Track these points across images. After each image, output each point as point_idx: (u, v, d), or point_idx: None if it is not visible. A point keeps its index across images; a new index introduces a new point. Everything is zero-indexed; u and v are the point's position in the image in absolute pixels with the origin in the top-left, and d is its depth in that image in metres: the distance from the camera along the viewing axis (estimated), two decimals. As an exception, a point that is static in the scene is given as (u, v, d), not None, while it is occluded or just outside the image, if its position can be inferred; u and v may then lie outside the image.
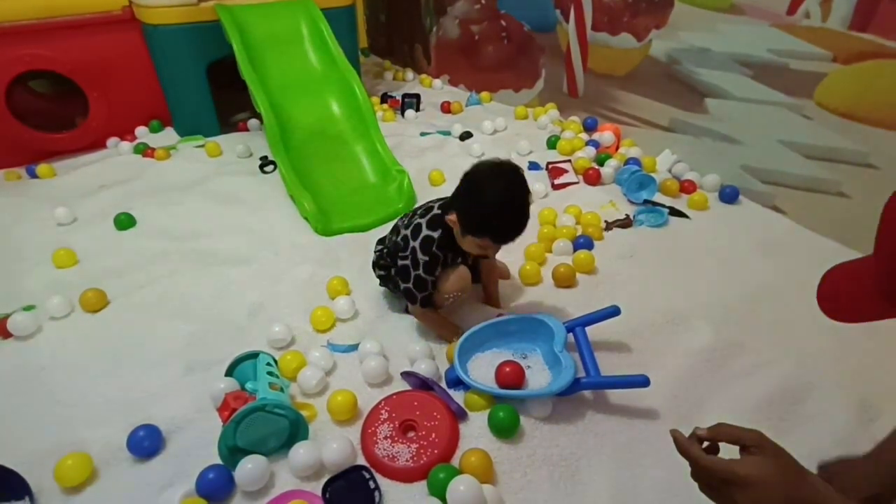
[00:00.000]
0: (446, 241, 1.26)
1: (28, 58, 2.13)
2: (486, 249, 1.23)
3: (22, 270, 1.67)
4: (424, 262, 1.26)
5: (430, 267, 1.26)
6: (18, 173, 2.23)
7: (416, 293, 1.30)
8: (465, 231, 1.20)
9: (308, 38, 2.27)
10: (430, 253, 1.25)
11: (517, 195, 1.16)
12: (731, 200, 1.93)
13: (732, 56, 1.91)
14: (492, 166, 1.18)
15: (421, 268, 1.26)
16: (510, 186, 1.15)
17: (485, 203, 1.15)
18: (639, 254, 1.69)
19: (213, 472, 1.02)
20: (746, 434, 0.61)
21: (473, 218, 1.17)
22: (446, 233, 1.26)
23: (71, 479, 1.04)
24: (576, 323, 1.28)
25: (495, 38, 2.84)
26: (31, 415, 1.20)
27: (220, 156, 2.37)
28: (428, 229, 1.26)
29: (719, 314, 1.44)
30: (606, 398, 1.21)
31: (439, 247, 1.26)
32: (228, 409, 1.08)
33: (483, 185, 1.16)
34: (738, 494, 0.58)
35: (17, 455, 1.08)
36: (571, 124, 2.51)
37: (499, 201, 1.14)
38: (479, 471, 1.01)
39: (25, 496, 1.02)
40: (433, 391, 1.19)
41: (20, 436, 1.15)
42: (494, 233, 1.17)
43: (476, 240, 1.19)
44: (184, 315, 1.47)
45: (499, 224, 1.16)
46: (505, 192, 1.15)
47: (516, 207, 1.16)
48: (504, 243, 1.20)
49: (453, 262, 1.32)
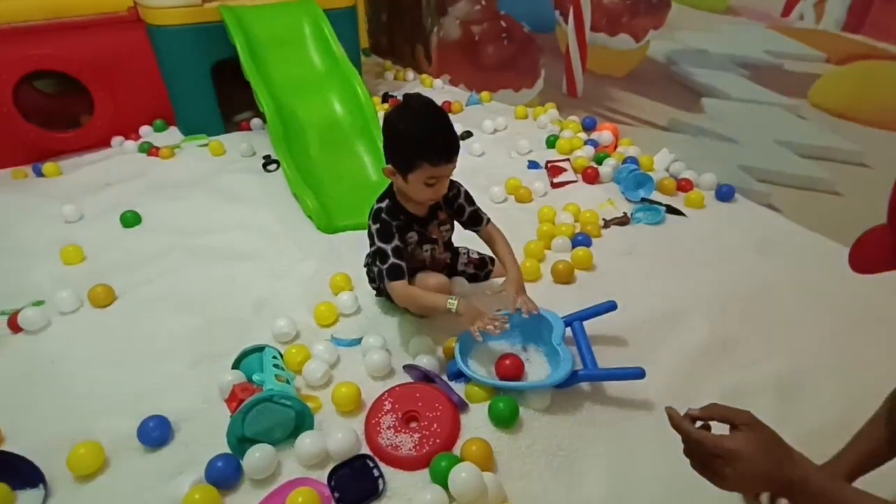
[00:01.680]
0: (396, 209, 1.28)
1: (36, 58, 2.17)
2: (433, 184, 1.20)
3: (30, 266, 1.70)
4: (377, 231, 1.26)
5: (383, 234, 1.25)
6: (25, 171, 2.26)
7: (381, 266, 1.26)
8: (405, 172, 1.20)
9: (310, 39, 2.30)
10: (380, 220, 1.26)
11: (426, 112, 1.18)
12: (727, 199, 1.97)
13: (729, 57, 1.94)
14: (398, 106, 1.22)
15: (376, 238, 1.26)
16: (416, 108, 1.19)
17: (400, 133, 1.18)
18: (636, 251, 1.73)
19: (221, 461, 1.05)
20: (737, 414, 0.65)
21: (404, 152, 1.19)
22: (392, 201, 1.28)
23: (83, 468, 1.07)
24: (574, 317, 1.31)
25: (495, 38, 2.87)
26: (43, 406, 1.24)
27: (223, 154, 2.40)
28: (378, 202, 1.30)
29: (715, 310, 1.47)
30: (603, 390, 1.24)
31: (388, 213, 1.27)
32: (236, 399, 1.11)
33: (396, 121, 1.20)
34: (726, 467, 0.62)
35: (31, 444, 1.11)
36: (570, 124, 2.54)
37: (411, 124, 1.17)
38: (479, 459, 1.04)
39: (39, 483, 1.05)
40: (435, 384, 1.22)
41: (33, 426, 1.18)
42: (422, 153, 1.16)
43: (417, 175, 1.18)
44: (190, 310, 1.50)
45: (422, 141, 1.16)
46: (413, 115, 1.18)
47: (432, 120, 1.17)
48: (440, 160, 1.17)
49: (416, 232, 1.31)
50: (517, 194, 2.02)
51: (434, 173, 1.18)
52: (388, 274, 1.25)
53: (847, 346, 1.35)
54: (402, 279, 1.26)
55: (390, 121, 1.21)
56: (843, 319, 1.42)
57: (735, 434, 0.64)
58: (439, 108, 1.21)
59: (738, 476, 0.61)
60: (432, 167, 1.17)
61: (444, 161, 1.18)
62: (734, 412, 0.65)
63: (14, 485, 1.03)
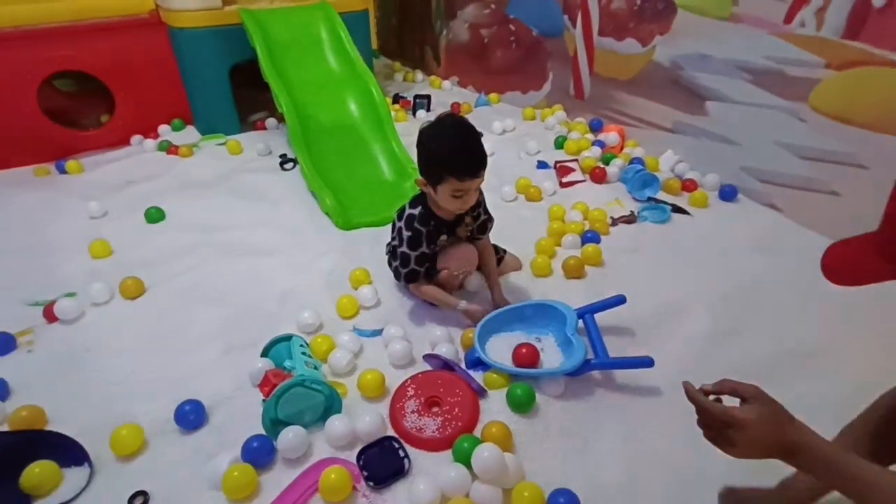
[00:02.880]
0: (428, 215, 1.37)
1: (59, 59, 2.23)
2: (460, 196, 1.28)
3: (60, 260, 1.77)
4: (408, 238, 1.37)
5: (412, 242, 1.37)
6: (47, 169, 2.33)
7: (400, 269, 1.41)
8: (433, 184, 1.30)
9: (327, 42, 2.37)
10: (412, 228, 1.37)
11: (456, 130, 1.28)
12: (730, 198, 2.03)
13: (732, 62, 2.01)
14: (430, 123, 1.31)
15: (405, 244, 1.38)
16: (447, 126, 1.28)
17: (432, 147, 1.28)
18: (643, 248, 1.79)
19: (256, 441, 1.11)
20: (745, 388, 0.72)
21: (430, 166, 1.29)
22: (425, 208, 1.37)
23: (125, 448, 1.14)
24: (585, 310, 1.38)
25: (504, 42, 2.94)
26: (82, 392, 1.30)
27: (241, 153, 2.46)
28: (410, 208, 1.39)
29: (717, 303, 1.53)
30: (614, 378, 1.31)
31: (420, 221, 1.36)
32: (269, 385, 1.17)
33: (426, 137, 1.29)
34: (736, 435, 0.68)
35: (74, 427, 1.17)
36: (578, 125, 2.61)
37: (441, 140, 1.27)
38: (499, 440, 1.10)
39: (85, 462, 1.11)
40: (454, 371, 1.29)
41: (75, 409, 1.24)
42: (450, 166, 1.25)
43: (445, 187, 1.27)
44: (217, 302, 1.56)
45: (450, 157, 1.25)
46: (443, 132, 1.28)
47: (461, 137, 1.26)
48: (466, 175, 1.25)
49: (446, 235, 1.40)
50: (527, 193, 2.08)
51: (461, 187, 1.27)
52: (406, 277, 1.44)
53: (840, 337, 1.41)
54: (417, 282, 1.44)
55: (423, 136, 1.31)
56: (836, 312, 1.49)
57: (744, 405, 0.71)
58: (470, 126, 1.29)
59: (746, 442, 0.68)
60: (459, 181, 1.26)
61: (470, 176, 1.26)
62: (743, 386, 0.72)
63: (62, 463, 1.10)
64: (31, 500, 1.06)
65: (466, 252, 1.44)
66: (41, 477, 1.07)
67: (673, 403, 1.24)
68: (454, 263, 1.43)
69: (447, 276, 1.46)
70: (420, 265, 1.40)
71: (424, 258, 1.39)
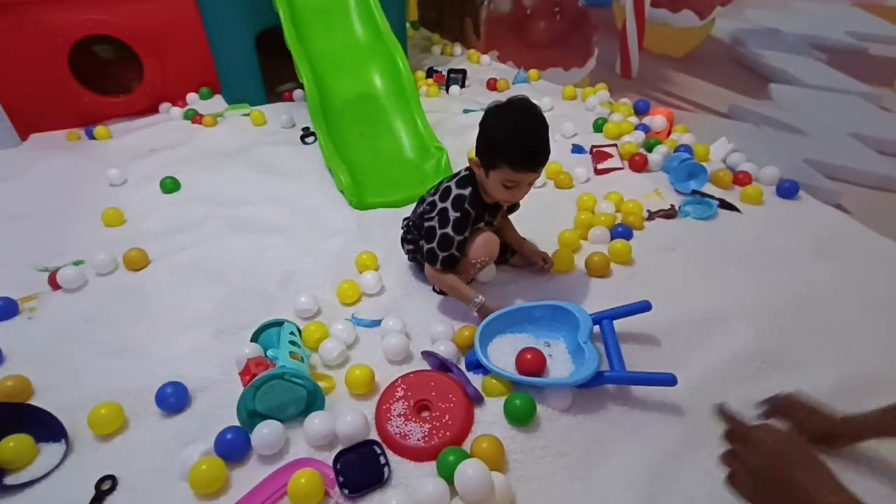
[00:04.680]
0: (476, 198, 1.27)
1: (89, 23, 2.22)
2: (512, 187, 1.20)
3: (75, 227, 1.76)
4: (455, 219, 1.25)
5: (460, 224, 1.25)
6: (78, 134, 2.34)
7: (438, 252, 1.28)
8: (486, 167, 1.21)
9: (355, 10, 2.25)
10: (461, 209, 1.25)
11: (523, 116, 1.17)
12: (789, 196, 1.80)
13: (805, 38, 1.75)
14: (501, 103, 1.21)
15: (450, 225, 1.25)
16: (515, 110, 1.18)
17: (495, 131, 1.18)
18: (681, 247, 1.61)
19: (230, 433, 1.05)
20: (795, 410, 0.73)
21: (489, 149, 1.19)
22: (475, 191, 1.26)
23: (103, 427, 1.10)
24: (603, 315, 1.23)
25: (548, 13, 2.73)
26: (73, 364, 1.27)
27: (264, 125, 2.41)
28: (458, 188, 1.27)
29: (764, 317, 1.35)
30: (629, 393, 1.16)
31: (471, 203, 1.25)
32: (249, 373, 1.10)
33: (491, 116, 1.20)
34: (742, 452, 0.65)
35: (57, 400, 1.15)
36: (621, 106, 2.39)
37: (506, 122, 1.17)
38: (489, 457, 0.99)
39: (62, 438, 1.08)
40: (451, 373, 1.18)
41: (62, 383, 1.22)
42: (507, 154, 1.16)
43: (497, 175, 1.19)
44: (218, 279, 1.51)
45: (509, 144, 1.16)
46: (509, 116, 1.18)
47: (527, 127, 1.16)
48: (522, 167, 1.16)
49: (483, 222, 1.32)
50: (557, 179, 1.92)
51: (513, 178, 1.18)
52: (444, 262, 1.29)
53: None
54: (455, 268, 1.31)
55: (488, 115, 1.21)
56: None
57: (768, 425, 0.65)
58: (540, 115, 1.18)
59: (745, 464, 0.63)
60: (513, 171, 1.17)
61: (526, 169, 1.17)
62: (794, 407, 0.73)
63: (38, 437, 1.07)
64: (4, 474, 1.03)
65: (490, 240, 1.33)
66: (16, 451, 1.04)
67: (695, 429, 1.09)
68: (476, 250, 1.31)
69: (466, 265, 1.34)
70: (460, 251, 1.29)
71: (463, 244, 1.29)
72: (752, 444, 0.64)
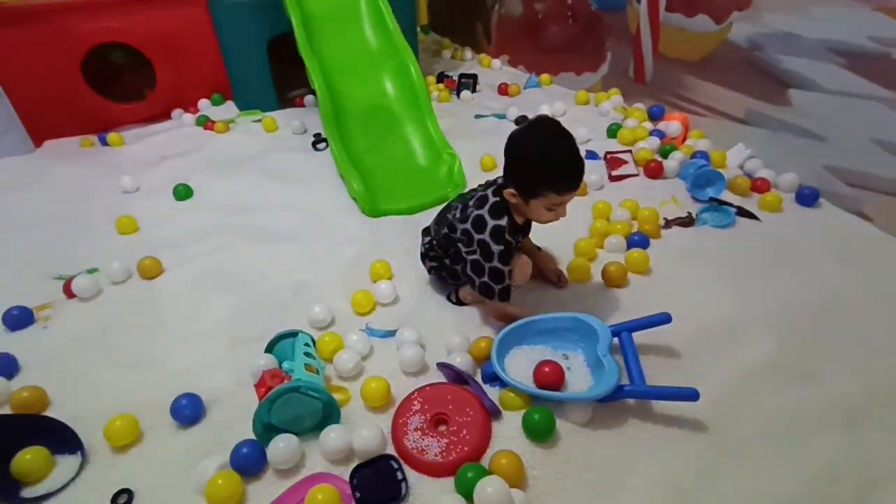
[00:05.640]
0: (514, 227, 1.24)
1: (104, 31, 2.23)
2: (555, 209, 1.19)
3: (89, 235, 1.77)
4: (500, 252, 1.22)
5: (505, 256, 1.23)
6: (91, 140, 2.35)
7: (493, 286, 1.25)
8: (527, 198, 1.17)
9: (366, 15, 2.24)
10: (504, 241, 1.22)
11: (556, 139, 1.15)
12: (809, 203, 1.77)
13: (824, 43, 1.72)
14: (524, 127, 1.19)
15: (496, 259, 1.23)
16: (546, 134, 1.15)
17: (532, 159, 1.14)
18: (699, 256, 1.58)
19: (246, 447, 1.04)
20: None
21: (529, 179, 1.16)
22: (511, 219, 1.24)
23: (119, 440, 1.10)
24: (622, 327, 1.21)
25: (560, 17, 2.71)
26: (88, 375, 1.27)
27: (276, 131, 2.40)
28: (494, 219, 1.22)
29: (786, 328, 1.32)
30: (650, 408, 1.14)
31: (510, 233, 1.23)
32: (265, 386, 1.09)
33: (523, 145, 1.17)
34: None
35: (72, 411, 1.15)
36: (635, 112, 2.37)
37: (544, 151, 1.14)
38: (509, 473, 0.98)
39: (78, 451, 1.08)
40: (468, 385, 1.16)
41: (77, 394, 1.22)
42: (554, 181, 1.14)
43: (541, 201, 1.16)
44: (231, 289, 1.50)
45: (554, 171, 1.14)
46: (545, 140, 1.15)
47: (563, 149, 1.14)
48: (568, 190, 1.15)
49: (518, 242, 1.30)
50: (571, 186, 1.89)
51: (559, 201, 1.16)
52: (500, 295, 1.27)
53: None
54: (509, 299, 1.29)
55: (518, 145, 1.17)
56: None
57: None
58: (569, 133, 1.16)
59: None
60: (558, 196, 1.15)
61: (571, 190, 1.15)
62: None
63: (54, 449, 1.07)
64: (20, 487, 1.03)
65: (526, 263, 1.31)
66: (32, 464, 1.04)
67: (720, 444, 1.07)
68: (517, 275, 1.29)
69: None
70: (509, 278, 1.26)
71: (510, 273, 1.27)
72: None
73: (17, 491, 1.01)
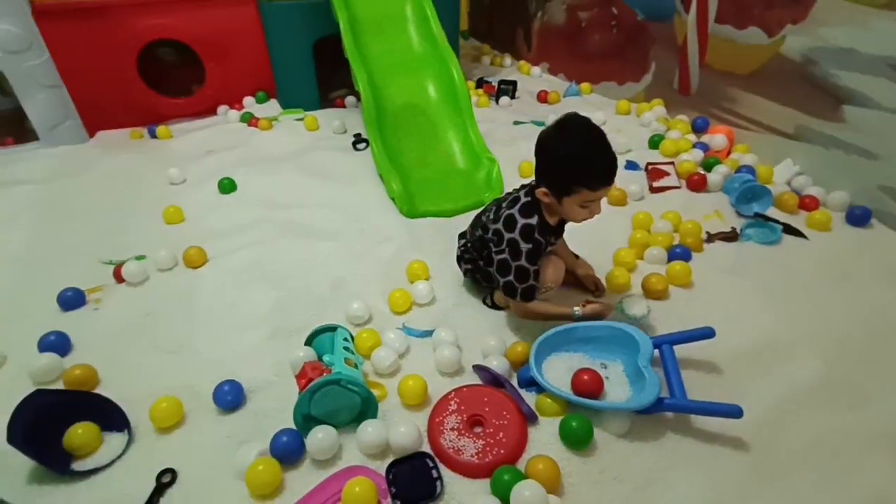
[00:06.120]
0: (544, 226, 1.24)
1: (159, 27, 2.32)
2: (589, 206, 1.17)
3: (136, 223, 1.83)
4: (528, 251, 1.22)
5: (533, 255, 1.22)
6: (141, 133, 2.44)
7: (516, 285, 1.24)
8: (560, 195, 1.16)
9: (411, 19, 2.27)
10: (532, 240, 1.22)
11: (587, 135, 1.13)
12: (860, 223, 1.71)
13: (884, 59, 1.66)
14: (552, 125, 1.17)
15: (523, 257, 1.22)
16: (577, 130, 1.14)
17: (563, 157, 1.14)
18: (743, 271, 1.55)
19: (286, 436, 1.06)
20: None
21: (561, 177, 1.15)
22: (542, 219, 1.23)
23: (163, 421, 1.13)
24: (664, 340, 1.19)
25: (604, 25, 2.69)
26: (135, 357, 1.32)
27: (317, 130, 2.45)
28: (524, 218, 1.22)
29: (833, 349, 1.28)
30: (690, 422, 1.12)
31: (540, 232, 1.22)
32: (306, 377, 1.11)
33: (553, 143, 1.16)
34: None
35: (121, 391, 1.19)
36: (679, 123, 2.33)
37: (575, 147, 1.13)
38: (545, 479, 0.97)
39: (125, 429, 1.12)
40: (504, 389, 1.16)
41: (125, 374, 1.26)
42: (586, 178, 1.12)
43: (574, 199, 1.15)
44: (272, 281, 1.54)
45: (585, 167, 1.12)
46: (575, 137, 1.14)
47: (593, 144, 1.12)
48: (601, 185, 1.13)
49: (548, 245, 1.29)
50: (610, 196, 1.88)
51: (593, 197, 1.15)
52: (523, 295, 1.25)
53: None
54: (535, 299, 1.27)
55: (549, 143, 1.17)
56: None
57: None
58: (599, 129, 1.14)
59: None
60: (592, 192, 1.14)
61: (605, 185, 1.14)
62: None
63: (103, 426, 1.11)
64: (71, 459, 1.07)
65: (559, 267, 1.31)
66: (83, 438, 1.08)
67: (762, 465, 1.04)
68: (548, 277, 1.29)
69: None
70: (536, 280, 1.26)
71: (538, 272, 1.26)
72: None
73: (68, 464, 1.05)
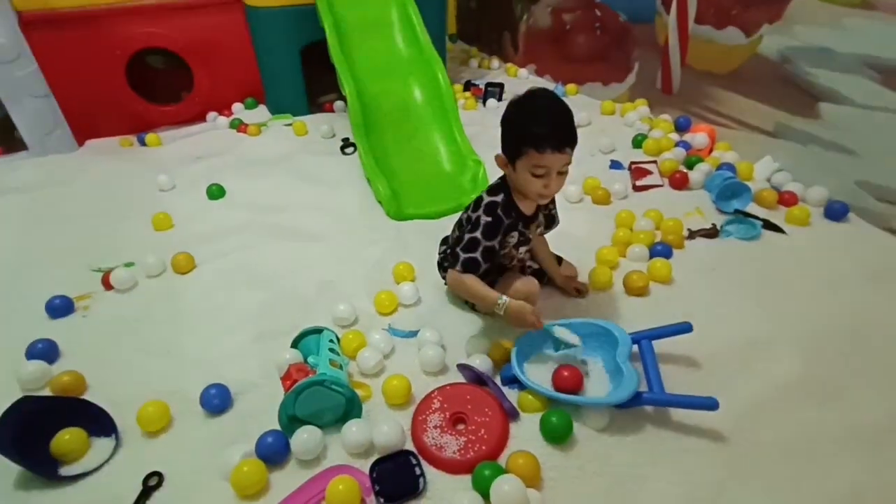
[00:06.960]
0: (509, 204, 1.23)
1: (147, 36, 2.33)
2: (541, 175, 1.13)
3: (126, 230, 1.84)
4: (486, 224, 1.21)
5: (490, 230, 1.21)
6: (130, 140, 2.46)
7: (459, 254, 1.22)
8: (512, 159, 1.17)
9: (397, 24, 2.30)
10: (494, 215, 1.21)
11: (542, 99, 1.14)
12: (838, 218, 1.74)
13: (858, 57, 1.70)
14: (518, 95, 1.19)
15: (480, 230, 1.21)
16: (536, 95, 1.15)
17: (512, 115, 1.16)
18: (722, 268, 1.57)
19: (271, 437, 1.07)
20: None
21: (511, 136, 1.16)
22: (508, 197, 1.23)
23: (151, 425, 1.14)
24: (643, 335, 1.21)
25: (588, 28, 2.73)
26: (123, 362, 1.33)
27: (305, 135, 2.47)
28: (490, 195, 1.24)
29: (810, 345, 1.31)
30: (668, 416, 1.14)
31: (504, 209, 1.22)
32: (291, 379, 1.13)
33: (509, 107, 1.18)
34: None
35: (109, 396, 1.20)
36: (661, 123, 2.36)
37: (525, 106, 1.15)
38: (525, 473, 0.99)
39: (112, 434, 1.13)
40: (487, 386, 1.18)
41: (113, 380, 1.27)
42: (526, 137, 1.12)
43: (524, 163, 1.14)
44: (259, 285, 1.55)
45: (529, 123, 1.12)
46: (528, 99, 1.15)
47: (545, 105, 1.14)
48: (546, 146, 1.10)
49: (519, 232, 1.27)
50: (594, 195, 1.91)
51: (540, 161, 1.11)
52: (464, 263, 1.23)
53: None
54: (474, 273, 1.24)
55: (509, 106, 1.18)
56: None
57: None
58: (560, 99, 1.15)
59: None
60: (538, 153, 1.11)
61: (551, 148, 1.10)
62: None
63: (91, 431, 1.12)
64: (58, 465, 1.08)
65: (529, 286, 1.29)
66: (71, 444, 1.09)
67: (739, 460, 1.06)
68: (514, 291, 1.27)
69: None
70: (484, 259, 1.23)
71: (490, 253, 1.23)
72: None
73: (55, 469, 1.07)
